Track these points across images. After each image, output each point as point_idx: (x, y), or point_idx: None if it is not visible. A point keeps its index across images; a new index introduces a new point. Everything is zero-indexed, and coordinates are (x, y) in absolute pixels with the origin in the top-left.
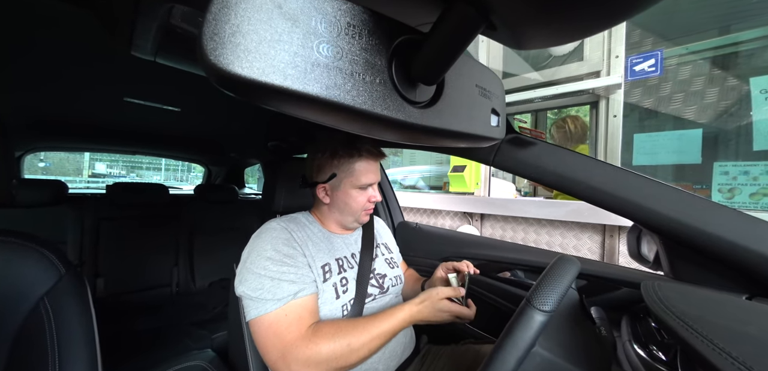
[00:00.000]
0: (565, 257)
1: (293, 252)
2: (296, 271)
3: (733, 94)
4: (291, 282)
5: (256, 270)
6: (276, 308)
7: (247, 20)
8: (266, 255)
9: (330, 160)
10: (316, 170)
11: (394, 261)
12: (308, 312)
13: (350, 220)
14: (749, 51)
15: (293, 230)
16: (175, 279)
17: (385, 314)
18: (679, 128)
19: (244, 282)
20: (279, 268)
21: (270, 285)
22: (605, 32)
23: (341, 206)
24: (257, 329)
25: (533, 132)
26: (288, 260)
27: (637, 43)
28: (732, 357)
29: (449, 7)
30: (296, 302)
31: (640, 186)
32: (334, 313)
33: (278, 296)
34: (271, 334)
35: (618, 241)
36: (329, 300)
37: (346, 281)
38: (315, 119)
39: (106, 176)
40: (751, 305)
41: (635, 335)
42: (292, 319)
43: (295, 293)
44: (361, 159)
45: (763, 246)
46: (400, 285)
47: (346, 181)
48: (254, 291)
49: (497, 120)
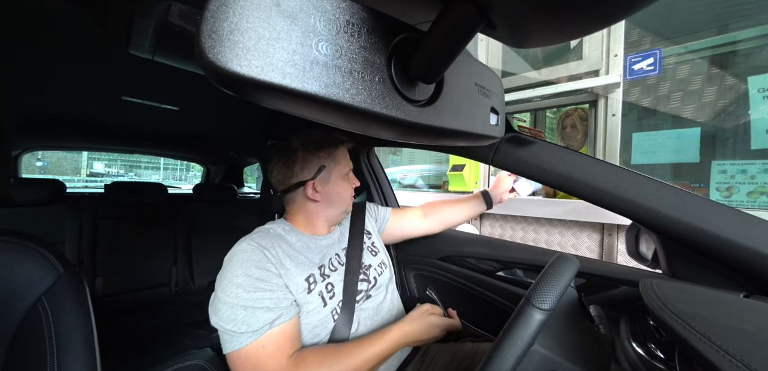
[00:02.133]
0: (563, 256)
1: (266, 274)
2: (271, 295)
3: (731, 93)
4: (266, 309)
5: (227, 300)
6: (252, 341)
7: (245, 18)
8: (237, 282)
9: (316, 153)
10: (298, 169)
11: (376, 248)
12: (288, 340)
13: (340, 212)
14: (747, 50)
15: (267, 248)
16: (173, 279)
17: (375, 336)
18: (677, 126)
19: (216, 312)
20: (252, 295)
21: (244, 315)
22: (604, 31)
23: (333, 200)
24: (234, 363)
25: (532, 131)
26: (261, 284)
27: (636, 42)
28: (729, 354)
29: (448, 6)
30: (274, 331)
31: (638, 185)
32: (324, 321)
33: (253, 327)
34: (249, 367)
35: (616, 239)
36: (317, 310)
37: (332, 285)
38: (314, 118)
39: (105, 175)
40: (749, 302)
41: (634, 333)
42: (271, 351)
43: (272, 321)
44: (342, 146)
45: (760, 244)
46: (386, 271)
47: (335, 171)
48: (228, 322)
49: (496, 119)
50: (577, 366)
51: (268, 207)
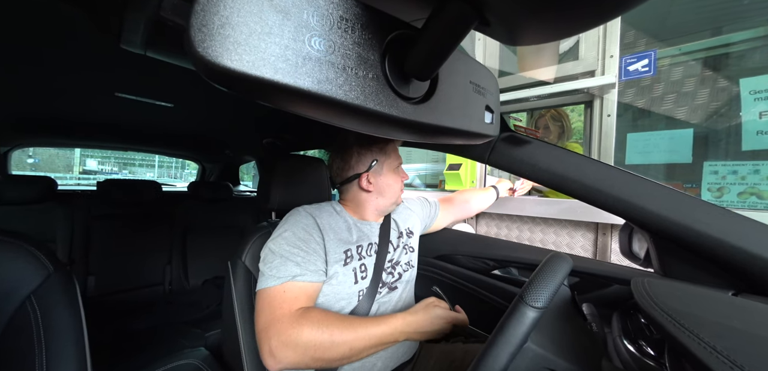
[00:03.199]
0: (557, 255)
1: (308, 238)
2: (304, 256)
3: (724, 95)
4: (296, 264)
5: (272, 246)
6: (276, 284)
7: (236, 12)
8: (284, 235)
9: (369, 148)
10: (353, 163)
11: (411, 246)
12: (305, 296)
13: (390, 203)
14: (740, 52)
15: (318, 217)
16: (167, 278)
17: (378, 319)
18: (671, 127)
19: (263, 257)
20: (290, 249)
21: (278, 262)
22: (600, 33)
23: (384, 191)
24: (259, 299)
25: (529, 131)
26: (301, 243)
27: (632, 44)
28: (717, 350)
29: (443, 3)
30: (295, 283)
31: (632, 184)
32: (350, 296)
33: (280, 274)
34: (266, 304)
35: (610, 239)
36: (348, 284)
37: (365, 267)
38: (306, 114)
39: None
40: (737, 301)
41: (625, 330)
42: (288, 297)
43: (295, 275)
44: (392, 142)
45: (749, 244)
46: (412, 271)
47: (387, 164)
48: (264, 263)
49: (491, 117)
50: (569, 363)
51: (266, 205)
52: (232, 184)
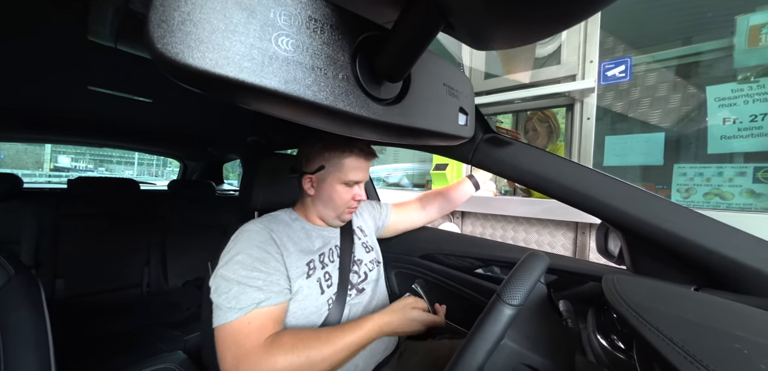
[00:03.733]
0: (534, 254)
1: (266, 256)
2: (265, 278)
3: (693, 100)
4: (257, 289)
5: (225, 274)
6: (239, 317)
7: (198, 8)
8: (238, 259)
9: (321, 151)
10: (305, 160)
11: (369, 245)
12: (272, 321)
13: (332, 215)
14: (708, 61)
15: (274, 230)
16: (145, 279)
17: (352, 325)
18: (645, 131)
19: (216, 287)
20: (248, 273)
21: (236, 290)
22: (581, 38)
23: (325, 200)
24: (219, 336)
25: (510, 132)
26: (258, 264)
27: (611, 49)
28: (674, 342)
29: (410, 5)
30: (261, 310)
31: (607, 186)
32: (319, 308)
33: (241, 304)
34: (231, 342)
35: (589, 238)
36: (314, 296)
37: (330, 275)
38: (275, 113)
39: (71, 170)
40: (697, 295)
41: (599, 326)
42: (254, 328)
43: (259, 302)
44: (352, 155)
45: (709, 242)
46: (377, 269)
47: (334, 175)
48: (221, 296)
49: (466, 119)
50: (545, 359)
51: (248, 205)
52: (215, 182)
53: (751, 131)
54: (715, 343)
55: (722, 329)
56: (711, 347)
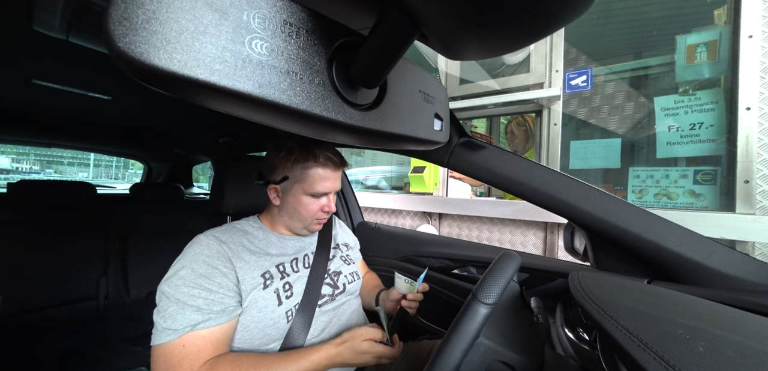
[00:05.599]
0: (507, 254)
1: (212, 272)
2: (207, 295)
3: (644, 109)
4: (196, 309)
5: (166, 291)
6: (173, 338)
7: (165, 7)
8: (181, 274)
9: (284, 161)
10: (270, 169)
11: (351, 258)
12: (211, 345)
13: (299, 227)
14: (655, 75)
15: (226, 242)
16: (102, 292)
17: (300, 352)
18: (605, 136)
19: (157, 303)
20: (189, 291)
21: (174, 309)
22: (547, 48)
23: (291, 211)
24: (153, 356)
25: (483, 136)
26: (202, 281)
27: (574, 60)
28: (628, 331)
29: (384, 15)
30: (197, 334)
31: (572, 188)
32: (276, 321)
33: (176, 325)
34: (163, 365)
35: (558, 237)
36: (270, 308)
37: (290, 285)
38: (248, 117)
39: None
40: (649, 287)
41: (567, 320)
42: (190, 352)
43: (195, 324)
44: (316, 165)
45: (658, 238)
46: (358, 282)
47: (298, 186)
48: (158, 313)
49: (441, 124)
50: (517, 354)
51: (219, 209)
52: (184, 185)
53: (690, 138)
54: (662, 330)
55: (668, 317)
56: (659, 333)
